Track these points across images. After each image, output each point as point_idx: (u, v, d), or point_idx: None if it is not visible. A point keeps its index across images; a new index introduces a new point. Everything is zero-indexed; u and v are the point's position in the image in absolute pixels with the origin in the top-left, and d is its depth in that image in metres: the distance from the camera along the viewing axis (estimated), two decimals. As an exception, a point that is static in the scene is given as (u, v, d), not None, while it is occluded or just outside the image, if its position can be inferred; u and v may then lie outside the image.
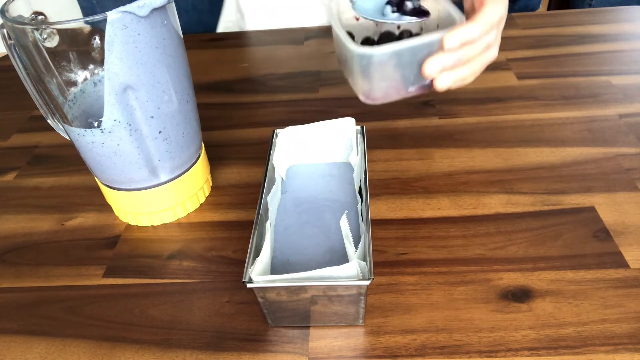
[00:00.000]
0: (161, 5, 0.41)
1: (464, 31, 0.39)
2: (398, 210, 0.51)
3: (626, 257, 0.44)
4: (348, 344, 0.40)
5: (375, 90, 0.44)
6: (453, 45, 0.39)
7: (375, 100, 0.46)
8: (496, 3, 0.40)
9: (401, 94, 0.45)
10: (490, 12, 0.40)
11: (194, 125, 0.51)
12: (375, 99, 0.45)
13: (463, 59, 0.40)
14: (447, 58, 0.40)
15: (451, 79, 0.41)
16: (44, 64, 0.42)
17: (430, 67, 0.40)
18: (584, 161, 0.55)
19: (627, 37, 0.76)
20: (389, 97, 0.45)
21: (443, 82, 0.41)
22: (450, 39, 0.39)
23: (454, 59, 0.40)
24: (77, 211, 0.55)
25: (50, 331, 0.43)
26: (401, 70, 0.42)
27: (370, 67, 0.42)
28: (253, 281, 0.37)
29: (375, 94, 0.45)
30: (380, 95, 0.45)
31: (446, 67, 0.40)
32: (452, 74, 0.41)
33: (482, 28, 0.39)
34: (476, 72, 0.42)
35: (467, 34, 0.39)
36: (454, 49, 0.39)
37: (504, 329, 0.40)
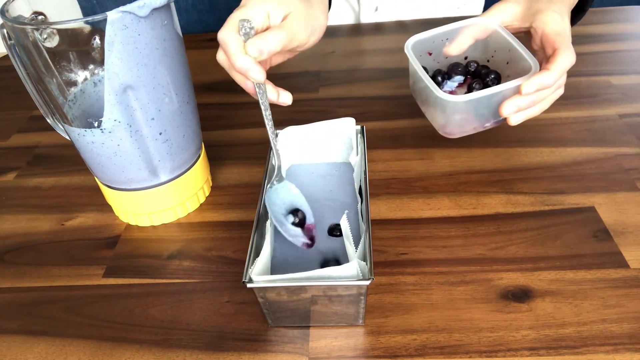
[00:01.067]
0: (161, 5, 0.41)
1: (541, 79, 0.43)
2: (398, 210, 0.51)
3: (626, 257, 0.44)
4: (348, 344, 0.40)
5: (453, 126, 0.49)
6: (530, 91, 0.43)
7: (453, 135, 0.50)
8: (569, 52, 0.43)
9: (478, 129, 0.50)
10: (565, 60, 0.43)
11: (194, 125, 0.51)
12: (452, 134, 0.50)
13: (537, 100, 0.45)
14: (523, 101, 0.44)
15: (523, 116, 0.46)
16: (44, 64, 0.42)
17: (508, 109, 0.44)
18: (584, 161, 0.55)
19: (627, 37, 0.76)
20: (465, 132, 0.50)
21: (516, 119, 0.45)
22: (528, 86, 0.43)
23: (528, 102, 0.44)
24: (77, 211, 0.55)
25: (50, 331, 0.43)
26: (479, 110, 0.47)
27: (452, 111, 0.47)
28: (253, 281, 0.37)
29: (453, 130, 0.50)
30: (457, 131, 0.50)
31: (522, 108, 0.45)
32: (525, 112, 0.45)
33: (557, 76, 0.43)
34: (544, 109, 0.47)
35: (544, 82, 0.43)
36: (530, 94, 0.43)
37: (504, 329, 0.40)
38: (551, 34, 0.45)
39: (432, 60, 0.54)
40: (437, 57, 0.54)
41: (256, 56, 0.40)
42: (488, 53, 0.52)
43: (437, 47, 0.53)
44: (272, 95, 0.44)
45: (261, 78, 0.41)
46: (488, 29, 0.50)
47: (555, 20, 0.45)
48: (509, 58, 0.50)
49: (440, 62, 0.54)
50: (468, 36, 0.50)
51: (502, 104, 0.44)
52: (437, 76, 0.52)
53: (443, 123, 0.49)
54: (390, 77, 0.72)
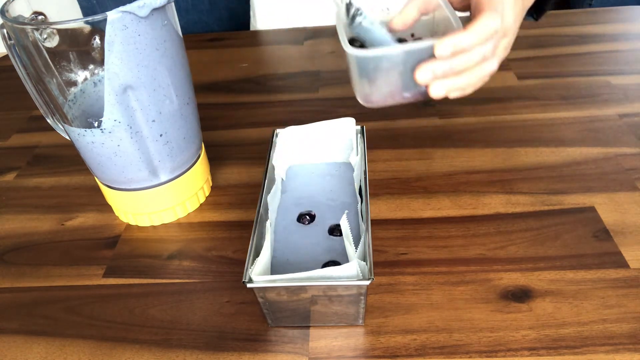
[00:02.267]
0: (161, 6, 0.41)
1: (455, 39, 0.38)
2: (398, 210, 0.51)
3: (626, 257, 0.44)
4: (348, 344, 0.40)
5: (371, 93, 0.45)
6: (444, 53, 0.38)
7: (372, 103, 0.46)
8: (493, 14, 0.39)
9: (396, 99, 0.45)
10: (485, 23, 0.39)
11: (195, 126, 0.51)
12: (371, 102, 0.46)
13: (456, 68, 0.40)
14: (438, 65, 0.39)
15: (445, 87, 0.41)
16: (44, 64, 0.42)
17: (422, 74, 0.40)
18: (584, 161, 0.55)
19: (627, 37, 0.76)
20: (385, 101, 0.45)
21: (436, 89, 0.41)
22: (441, 47, 0.38)
23: (446, 67, 0.39)
24: (77, 211, 0.55)
25: (50, 331, 0.43)
26: (395, 74, 0.42)
27: (364, 69, 0.43)
28: (253, 281, 0.37)
29: (372, 97, 0.45)
30: (376, 99, 0.45)
31: (438, 75, 0.40)
32: (446, 82, 0.40)
33: (474, 38, 0.39)
34: (473, 84, 0.42)
35: (458, 42, 0.38)
36: (445, 57, 0.39)
37: (504, 329, 0.40)
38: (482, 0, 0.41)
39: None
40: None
41: None
42: (433, 28, 0.48)
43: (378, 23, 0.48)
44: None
45: None
46: (432, 2, 0.46)
47: None
48: (445, 29, 0.45)
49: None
50: (412, 9, 0.46)
51: (416, 68, 0.40)
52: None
53: (360, 88, 0.45)
54: (390, 77, 0.72)
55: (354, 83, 0.45)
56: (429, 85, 0.41)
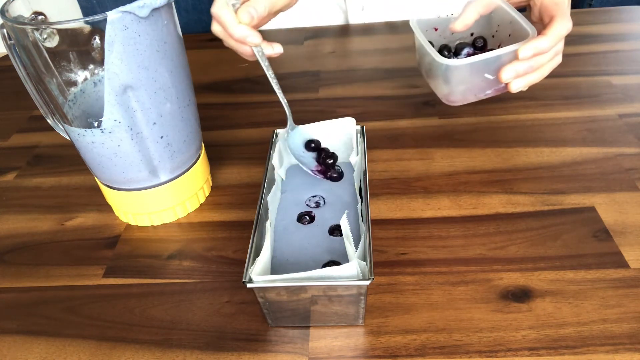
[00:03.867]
0: (161, 6, 0.41)
1: (537, 44, 0.45)
2: (398, 210, 0.51)
3: (626, 257, 0.44)
4: (348, 344, 0.40)
5: (455, 94, 0.51)
6: (527, 56, 0.45)
7: (455, 102, 0.52)
8: (565, 19, 0.46)
9: (479, 96, 0.51)
10: (560, 27, 0.45)
11: (195, 127, 0.51)
12: (454, 102, 0.52)
13: (535, 66, 0.46)
14: (521, 66, 0.46)
15: (523, 83, 0.47)
16: (44, 64, 0.42)
17: (507, 74, 0.46)
18: (584, 161, 0.55)
19: (627, 37, 0.76)
20: (467, 99, 0.51)
21: (516, 85, 0.47)
22: (525, 51, 0.45)
23: (526, 67, 0.46)
24: (77, 211, 0.55)
25: (50, 331, 0.43)
26: (480, 77, 0.49)
27: (452, 75, 0.49)
28: (253, 281, 0.37)
29: (455, 97, 0.51)
30: (459, 99, 0.51)
31: (520, 74, 0.46)
32: (525, 78, 0.47)
33: (552, 41, 0.45)
34: (544, 76, 0.48)
35: (539, 46, 0.45)
36: (527, 59, 0.45)
37: (504, 329, 0.40)
38: (549, 3, 0.47)
39: (438, 35, 0.55)
40: (443, 33, 0.55)
41: (248, 22, 0.45)
42: (492, 28, 0.54)
43: (443, 23, 0.54)
44: (268, 50, 0.48)
45: (258, 41, 0.46)
46: (491, 3, 0.51)
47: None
48: (511, 30, 0.51)
49: (446, 37, 0.56)
50: (473, 12, 0.51)
51: (501, 69, 0.46)
52: (444, 51, 0.54)
53: (446, 91, 0.51)
54: (390, 77, 0.72)
55: (438, 86, 0.52)
56: (510, 82, 0.47)
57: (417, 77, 0.71)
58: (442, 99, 0.52)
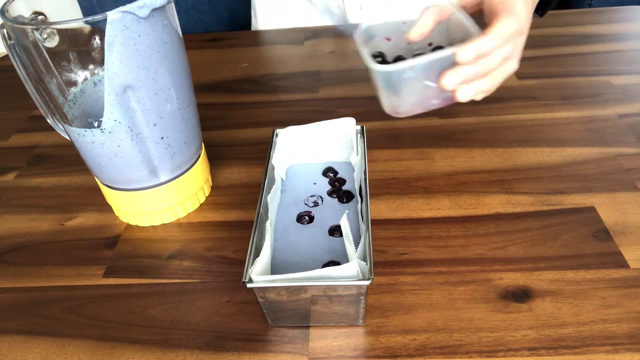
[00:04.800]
0: (161, 6, 0.41)
1: (476, 45, 0.40)
2: (398, 210, 0.51)
3: (626, 257, 0.44)
4: (348, 344, 0.40)
5: (399, 105, 0.46)
6: (467, 59, 0.40)
7: (400, 114, 0.47)
8: (509, 17, 0.41)
9: (425, 106, 0.46)
10: (503, 26, 0.40)
11: (195, 127, 0.51)
12: (399, 113, 0.47)
13: (480, 71, 0.41)
14: (462, 71, 0.41)
15: (471, 91, 0.42)
16: (44, 64, 0.42)
17: (447, 80, 0.41)
18: (584, 161, 0.55)
19: (627, 37, 0.76)
20: (414, 110, 0.46)
21: (463, 94, 0.42)
22: (463, 53, 0.40)
23: (470, 72, 0.41)
24: (77, 211, 0.55)
25: (50, 331, 0.43)
26: (422, 84, 0.44)
27: (390, 83, 0.44)
28: (253, 281, 0.37)
29: (400, 108, 0.46)
30: (404, 110, 0.46)
31: (463, 80, 0.41)
32: (472, 86, 0.42)
33: (494, 41, 0.40)
34: (497, 84, 0.43)
35: (479, 47, 0.40)
36: (468, 62, 0.40)
37: (504, 329, 0.40)
38: (496, 3, 0.43)
39: (392, 46, 0.51)
40: (398, 43, 0.50)
41: None
42: (449, 35, 0.49)
43: (396, 33, 0.49)
44: None
45: None
46: (445, 10, 0.47)
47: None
48: (463, 35, 0.46)
49: (402, 48, 0.51)
50: (427, 19, 0.46)
51: (442, 75, 0.41)
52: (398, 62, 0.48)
53: (387, 101, 0.46)
54: (390, 77, 0.72)
55: (381, 96, 0.46)
56: (456, 90, 0.42)
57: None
58: (387, 111, 0.47)
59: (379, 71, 0.42)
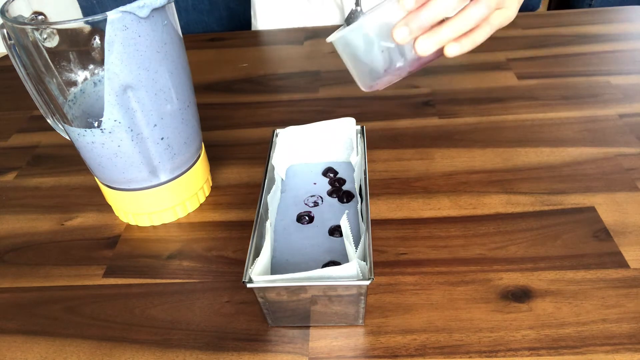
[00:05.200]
0: (161, 6, 0.41)
1: None
2: (398, 210, 0.51)
3: (626, 257, 0.44)
4: (348, 344, 0.40)
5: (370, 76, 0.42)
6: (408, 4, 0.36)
7: (375, 86, 0.43)
8: None
9: (396, 74, 0.41)
10: None
11: (195, 127, 0.51)
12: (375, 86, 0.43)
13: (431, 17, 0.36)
14: (410, 19, 0.36)
15: (432, 42, 0.37)
16: (44, 64, 0.42)
17: (398, 32, 0.36)
18: (584, 161, 0.55)
19: (627, 37, 0.76)
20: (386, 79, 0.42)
21: (422, 46, 0.37)
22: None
23: (421, 19, 0.36)
24: (77, 211, 0.55)
25: (50, 331, 0.43)
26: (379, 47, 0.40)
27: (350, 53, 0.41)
28: (253, 281, 0.37)
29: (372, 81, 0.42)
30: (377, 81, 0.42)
31: (414, 29, 0.36)
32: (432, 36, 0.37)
33: None
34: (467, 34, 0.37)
35: None
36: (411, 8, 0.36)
37: (504, 329, 0.40)
38: None
39: None
40: None
41: None
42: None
43: None
44: None
45: None
46: None
47: None
48: None
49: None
50: None
51: (392, 29, 0.37)
52: None
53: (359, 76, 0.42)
54: (390, 77, 0.72)
55: (352, 73, 0.43)
56: (415, 44, 0.37)
57: (417, 77, 0.71)
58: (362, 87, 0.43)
59: (333, 41, 0.39)
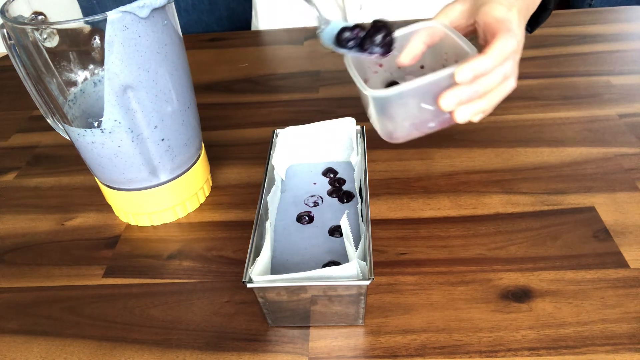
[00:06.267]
0: (161, 6, 0.41)
1: (475, 64, 0.39)
2: (398, 210, 0.51)
3: (626, 257, 0.44)
4: (348, 344, 0.40)
5: (395, 129, 0.44)
6: (465, 79, 0.39)
7: (397, 139, 0.45)
8: (509, 35, 0.40)
9: (422, 130, 0.44)
10: (502, 44, 0.39)
11: (195, 128, 0.51)
12: (395, 138, 0.45)
13: (479, 91, 0.40)
14: (461, 92, 0.40)
15: (469, 112, 0.41)
16: (44, 64, 0.42)
17: (446, 101, 0.40)
18: (584, 161, 0.55)
19: (627, 37, 0.76)
20: (411, 135, 0.45)
21: (461, 115, 0.41)
22: (462, 73, 0.39)
23: (469, 92, 0.40)
24: (77, 211, 0.55)
25: (50, 331, 0.43)
26: (418, 107, 0.42)
27: (385, 108, 0.42)
28: (253, 281, 0.37)
29: (396, 133, 0.45)
30: (401, 134, 0.45)
31: (462, 101, 0.40)
32: (470, 106, 0.41)
33: (493, 60, 0.39)
34: (495, 103, 0.42)
35: (478, 67, 0.39)
36: (466, 82, 0.39)
37: (504, 329, 0.40)
38: (492, 21, 0.41)
39: (384, 71, 0.49)
40: (389, 68, 0.49)
41: None
42: (442, 57, 0.47)
43: (387, 59, 0.47)
44: None
45: None
46: (436, 32, 0.46)
47: (498, 9, 0.41)
48: (456, 56, 0.45)
49: (393, 73, 0.49)
50: (418, 42, 0.45)
51: (440, 95, 0.40)
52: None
53: (382, 127, 0.44)
54: (390, 77, 0.72)
55: (375, 122, 0.44)
56: (454, 111, 0.41)
57: (417, 77, 0.71)
58: (384, 137, 0.45)
59: (376, 97, 0.41)
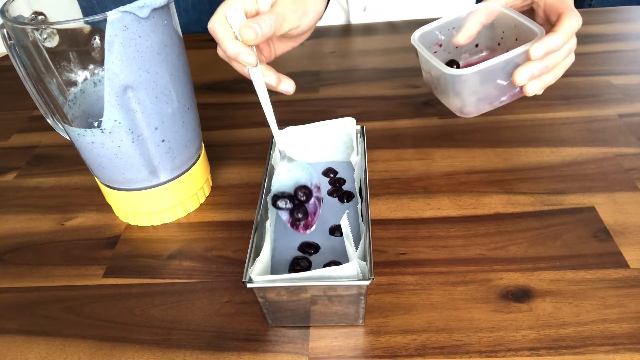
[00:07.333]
0: (161, 6, 0.41)
1: (549, 41, 0.43)
2: (398, 210, 0.51)
3: (626, 257, 0.44)
4: (348, 344, 0.40)
5: (468, 105, 0.49)
6: (539, 55, 0.44)
7: (470, 114, 0.50)
8: (573, 14, 0.45)
9: (494, 104, 0.49)
10: (571, 22, 0.44)
11: (195, 128, 0.51)
12: (469, 113, 0.50)
13: (549, 66, 0.45)
14: (534, 67, 0.45)
15: (539, 85, 0.46)
16: (44, 64, 0.42)
17: (521, 76, 0.45)
18: (584, 161, 0.55)
19: (627, 37, 0.76)
20: (482, 109, 0.50)
21: (532, 88, 0.46)
22: (536, 49, 0.43)
23: (541, 67, 0.45)
24: (77, 211, 0.55)
25: (50, 331, 0.43)
26: (492, 84, 0.47)
27: (463, 86, 0.47)
28: (253, 281, 0.37)
29: (469, 108, 0.49)
30: (473, 110, 0.50)
31: (535, 75, 0.45)
32: (540, 80, 0.46)
33: (563, 37, 0.44)
34: (559, 76, 0.47)
35: (551, 44, 0.43)
36: (539, 58, 0.44)
37: (504, 329, 0.40)
38: (555, 2, 0.46)
39: (443, 51, 0.54)
40: (447, 47, 0.54)
41: (252, 39, 0.40)
42: (497, 36, 0.53)
43: (445, 39, 0.53)
44: (271, 80, 0.45)
45: (252, 60, 0.42)
46: (493, 11, 0.50)
47: None
48: (517, 34, 0.50)
49: (451, 52, 0.54)
50: (474, 22, 0.50)
51: (515, 72, 0.45)
52: (452, 65, 0.53)
53: (459, 104, 0.49)
54: (390, 77, 0.72)
55: (450, 100, 0.50)
56: (525, 85, 0.45)
57: (417, 77, 0.71)
58: (456, 112, 0.50)
59: (458, 76, 0.45)
